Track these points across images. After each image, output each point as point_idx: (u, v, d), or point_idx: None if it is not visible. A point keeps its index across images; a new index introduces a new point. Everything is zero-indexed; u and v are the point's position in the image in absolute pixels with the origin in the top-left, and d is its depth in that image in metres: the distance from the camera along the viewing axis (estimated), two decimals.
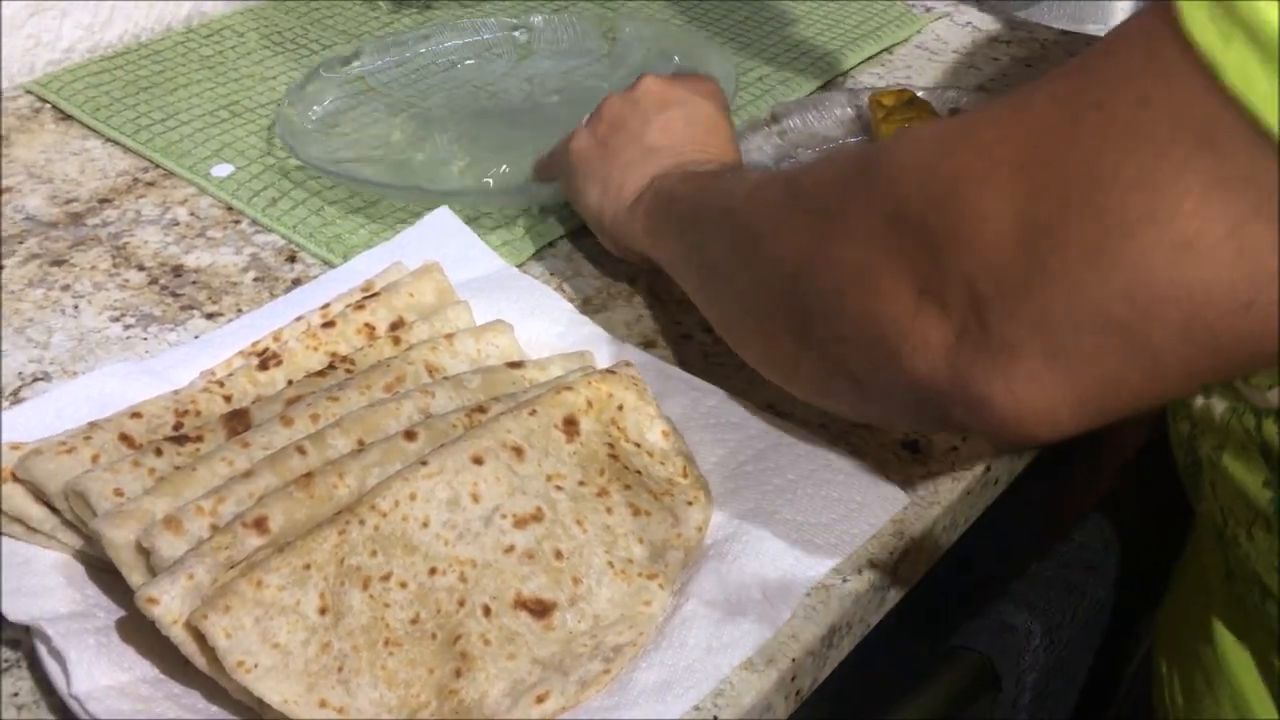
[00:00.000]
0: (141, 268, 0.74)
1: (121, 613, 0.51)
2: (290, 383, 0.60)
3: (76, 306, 0.71)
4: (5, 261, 0.74)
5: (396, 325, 0.64)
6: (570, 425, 0.56)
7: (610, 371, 0.59)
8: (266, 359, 0.61)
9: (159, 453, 0.54)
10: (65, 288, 0.72)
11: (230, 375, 0.60)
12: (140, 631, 0.50)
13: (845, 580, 0.57)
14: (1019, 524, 0.72)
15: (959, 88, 0.88)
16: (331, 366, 0.61)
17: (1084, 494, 0.78)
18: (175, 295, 0.72)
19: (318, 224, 0.78)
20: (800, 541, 0.55)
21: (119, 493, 0.51)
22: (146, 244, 0.76)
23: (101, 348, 0.68)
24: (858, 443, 0.63)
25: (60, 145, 0.85)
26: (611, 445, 0.57)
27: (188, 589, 0.47)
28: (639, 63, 0.93)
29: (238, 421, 0.56)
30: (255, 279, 0.74)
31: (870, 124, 0.84)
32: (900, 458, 0.63)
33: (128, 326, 0.70)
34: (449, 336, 0.62)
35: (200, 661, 0.46)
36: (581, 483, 0.55)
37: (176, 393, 0.59)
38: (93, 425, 0.55)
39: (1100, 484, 0.80)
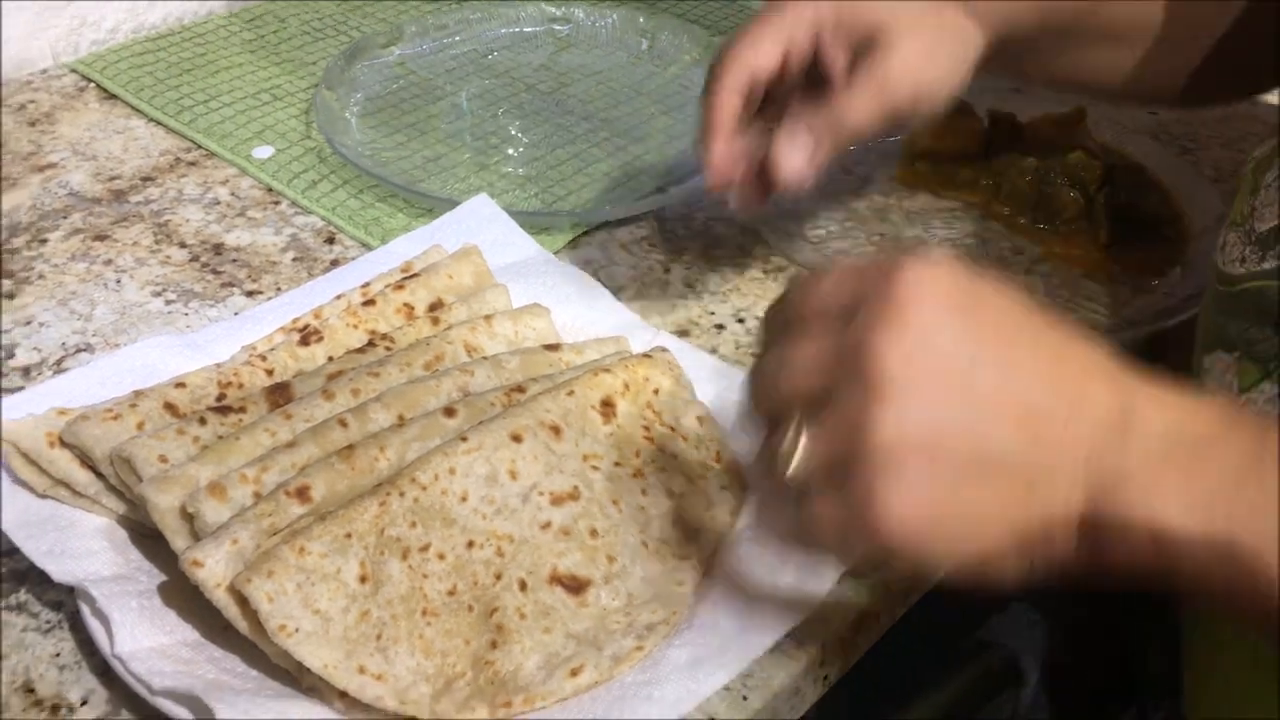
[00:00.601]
0: (183, 245, 0.75)
1: (163, 577, 0.52)
2: (330, 359, 0.61)
3: (119, 281, 0.72)
4: (49, 236, 0.75)
5: (435, 306, 0.64)
6: (607, 407, 0.57)
7: (647, 356, 0.60)
8: (307, 335, 0.62)
9: (203, 422, 0.54)
10: (108, 262, 0.73)
11: (272, 350, 0.61)
12: (182, 596, 0.50)
13: (876, 569, 0.57)
14: None
15: (997, 90, 0.89)
16: (371, 344, 0.61)
17: None
18: (216, 272, 0.73)
19: (356, 207, 0.79)
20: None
21: (164, 459, 0.52)
22: (188, 222, 0.77)
23: (143, 321, 0.69)
24: None
25: (104, 124, 0.86)
26: (647, 428, 0.58)
27: (231, 554, 0.47)
28: (674, 71, 0.94)
29: (279, 394, 0.57)
30: (294, 259, 0.75)
31: None
32: None
33: (169, 302, 0.71)
34: (487, 318, 0.62)
35: (242, 625, 0.47)
36: (617, 463, 0.55)
37: (219, 365, 0.60)
38: (138, 394, 0.56)
39: None
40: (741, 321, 0.71)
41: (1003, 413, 0.40)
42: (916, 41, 0.59)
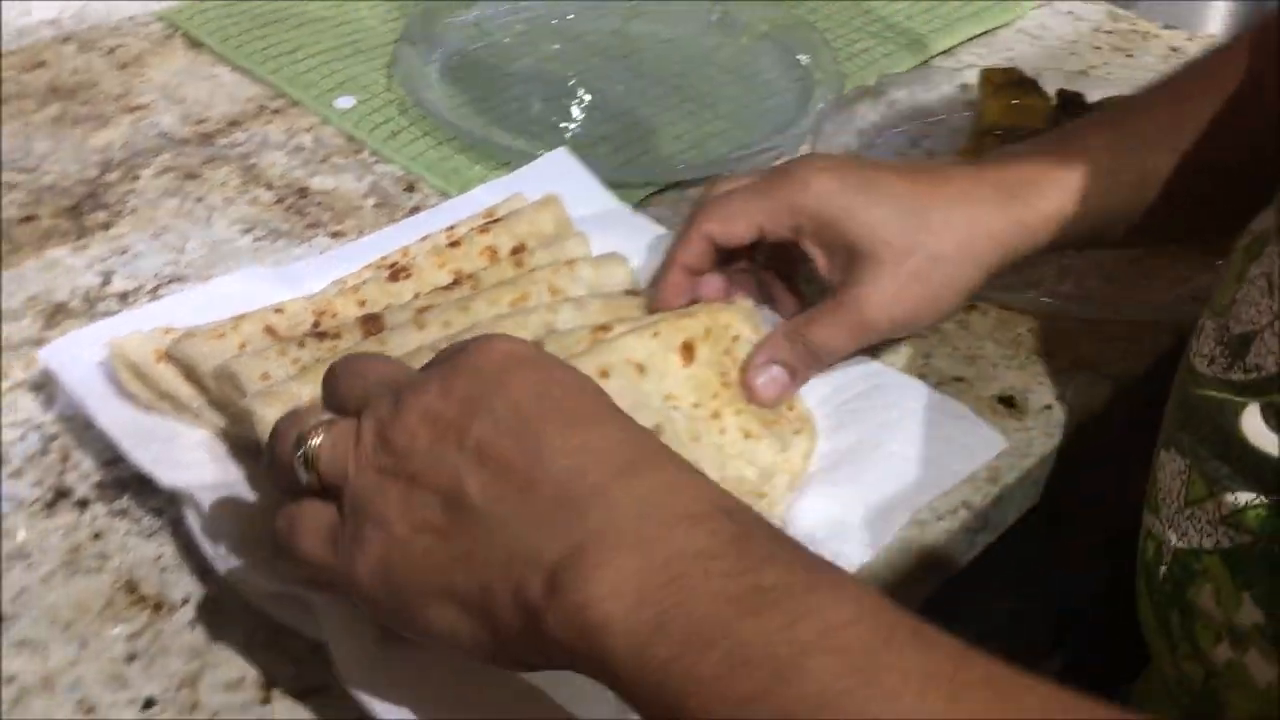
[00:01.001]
0: (270, 187, 0.78)
1: (261, 490, 0.54)
2: (417, 295, 0.63)
3: (209, 218, 0.75)
4: (141, 172, 0.78)
5: (517, 250, 0.66)
6: (688, 350, 0.59)
7: (730, 303, 0.62)
8: (396, 272, 0.64)
9: (301, 344, 0.57)
10: (198, 200, 0.76)
11: (363, 284, 0.63)
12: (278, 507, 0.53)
13: (940, 519, 0.59)
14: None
15: (1064, 70, 0.90)
16: (456, 283, 0.63)
17: None
18: (301, 214, 0.76)
19: (435, 157, 0.81)
20: (902, 473, 0.57)
21: (266, 376, 0.54)
22: (274, 165, 0.80)
23: (232, 257, 0.72)
24: (952, 393, 0.65)
25: (191, 70, 0.89)
26: (724, 374, 0.59)
27: None
28: (744, 41, 0.95)
29: (372, 324, 0.59)
30: (376, 205, 0.77)
31: (977, 99, 0.86)
32: (996, 411, 0.65)
33: (257, 239, 0.73)
34: (569, 263, 0.64)
35: None
36: (696, 404, 0.57)
37: (312, 296, 0.62)
38: (241, 317, 0.58)
39: None
40: (809, 282, 0.72)
41: (482, 463, 0.40)
42: (895, 277, 0.58)
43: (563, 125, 0.85)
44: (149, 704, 0.48)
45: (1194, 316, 0.70)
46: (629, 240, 0.69)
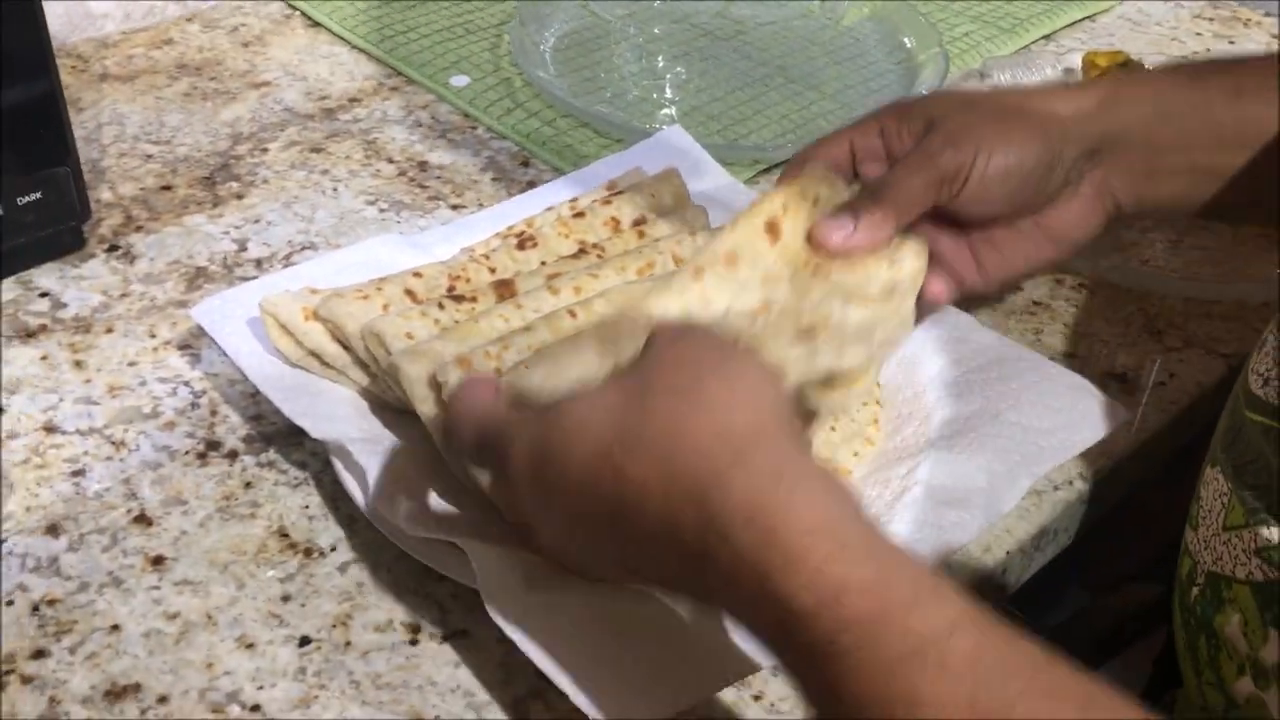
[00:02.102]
0: (391, 160, 0.80)
1: (405, 445, 0.56)
2: (543, 263, 0.65)
3: (335, 189, 0.77)
4: (269, 145, 0.81)
5: (639, 221, 0.68)
6: (772, 230, 0.55)
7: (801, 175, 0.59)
8: (523, 240, 0.66)
9: (441, 306, 0.59)
10: (324, 172, 0.79)
11: (492, 252, 0.65)
12: (422, 462, 0.55)
13: (1056, 488, 0.60)
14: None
15: (1167, 56, 0.90)
16: (582, 252, 0.65)
17: None
18: (422, 187, 0.78)
19: (549, 134, 0.83)
20: (1025, 443, 0.58)
21: (410, 335, 0.57)
22: (394, 140, 0.82)
23: (359, 226, 0.74)
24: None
25: (311, 49, 0.92)
26: (809, 235, 0.57)
27: None
28: (845, 24, 0.96)
29: (506, 288, 0.61)
30: (493, 179, 0.79)
31: (1081, 83, 0.87)
32: (1108, 388, 0.66)
33: (382, 210, 0.76)
34: (692, 233, 0.66)
35: (486, 484, 0.52)
36: (795, 272, 0.55)
37: (445, 262, 0.64)
38: (382, 279, 0.61)
39: None
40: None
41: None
42: (964, 118, 0.57)
43: (667, 105, 0.87)
44: (304, 641, 0.51)
45: None
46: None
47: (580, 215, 0.68)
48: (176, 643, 0.51)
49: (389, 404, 0.59)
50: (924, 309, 0.58)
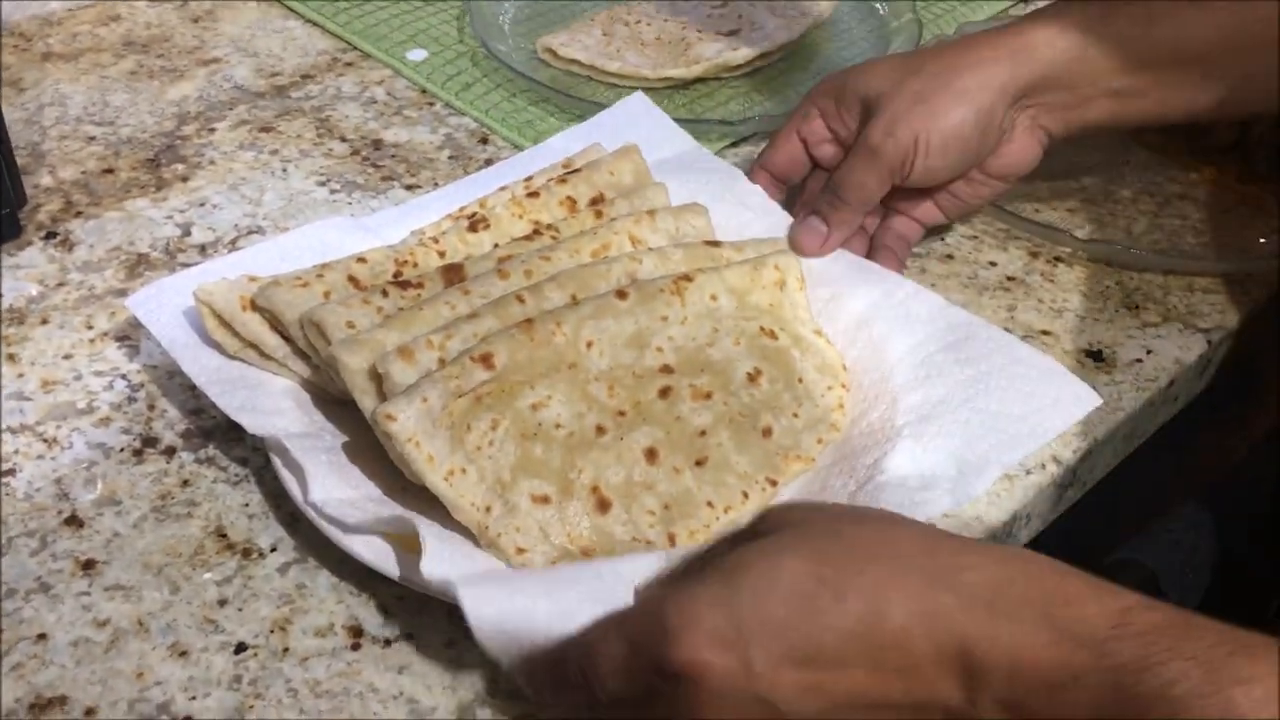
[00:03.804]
0: (344, 139, 0.77)
1: (346, 438, 0.54)
2: (497, 245, 0.62)
3: (285, 170, 0.74)
4: (217, 125, 0.78)
5: (596, 200, 0.65)
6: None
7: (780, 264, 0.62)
8: (475, 222, 0.63)
9: (385, 294, 0.57)
10: (274, 152, 0.76)
11: (442, 234, 0.63)
12: (365, 455, 0.53)
13: (1029, 473, 0.58)
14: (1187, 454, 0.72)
15: None
16: (536, 233, 0.63)
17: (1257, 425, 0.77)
18: (376, 166, 0.75)
19: (509, 109, 0.80)
20: (994, 429, 0.55)
21: (351, 325, 0.54)
22: (348, 118, 0.79)
23: (310, 208, 0.71)
24: (1040, 347, 0.64)
25: (263, 23, 0.89)
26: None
27: (421, 411, 0.49)
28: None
29: (454, 273, 0.59)
30: (450, 157, 0.77)
31: None
32: (1084, 365, 0.63)
33: (333, 191, 0.73)
34: (650, 213, 0.64)
35: (429, 480, 0.49)
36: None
37: (393, 246, 0.62)
38: (324, 266, 0.58)
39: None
40: None
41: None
42: (893, 102, 0.62)
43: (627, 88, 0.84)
44: (241, 648, 0.49)
45: None
46: (706, 186, 0.68)
47: (535, 195, 0.65)
48: (106, 652, 0.48)
49: (332, 396, 0.56)
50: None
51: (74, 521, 0.53)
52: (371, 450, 0.52)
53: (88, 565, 0.51)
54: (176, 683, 0.47)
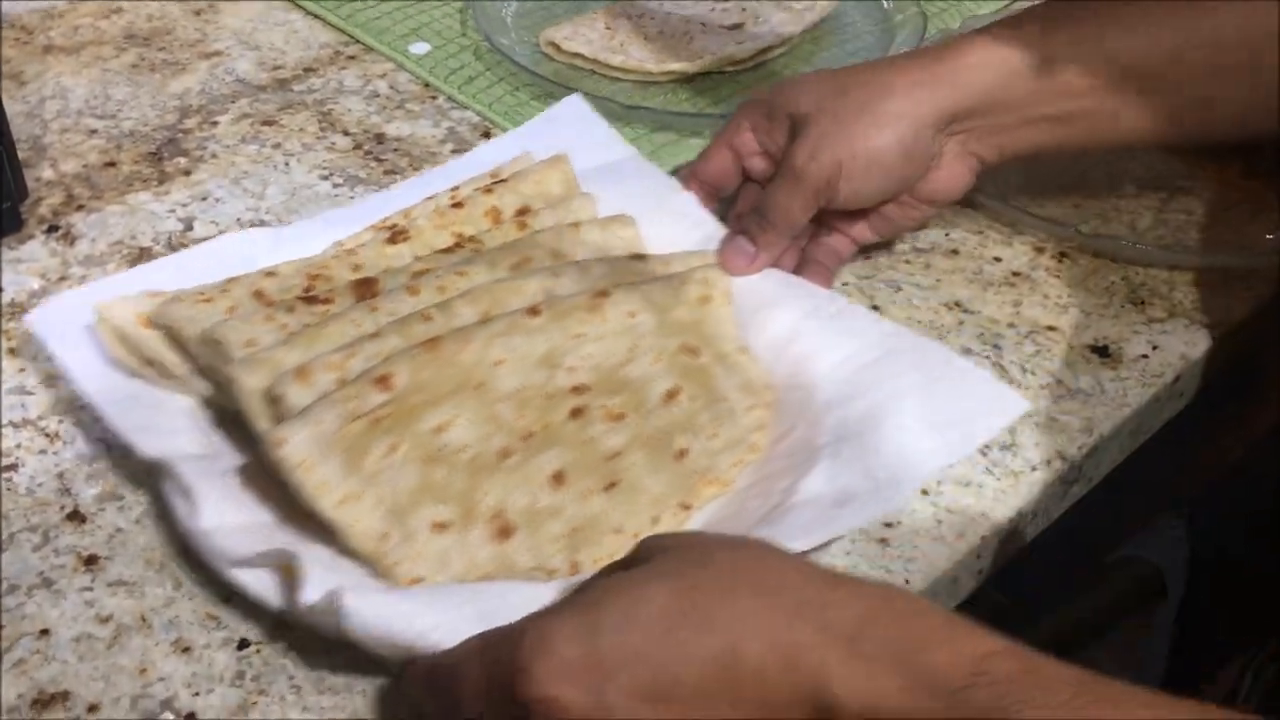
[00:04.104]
0: (346, 133, 0.77)
1: (245, 460, 0.52)
2: (417, 258, 0.61)
3: (288, 163, 0.74)
4: (219, 119, 0.78)
5: (522, 212, 0.64)
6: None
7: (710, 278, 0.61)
8: (396, 234, 0.61)
9: (291, 310, 0.55)
10: (276, 146, 0.76)
11: (361, 246, 0.61)
12: (262, 479, 0.50)
13: (1034, 469, 0.58)
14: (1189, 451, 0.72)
15: None
16: (458, 245, 0.61)
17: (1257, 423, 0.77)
18: (379, 160, 0.75)
19: (512, 103, 0.80)
20: (912, 444, 0.53)
21: (252, 343, 0.53)
22: (350, 112, 0.79)
23: (312, 202, 0.71)
24: (1045, 343, 0.64)
25: (265, 16, 0.89)
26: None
27: (314, 435, 0.48)
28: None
29: (365, 288, 0.57)
30: (453, 150, 0.76)
31: None
32: (1089, 361, 0.63)
33: (336, 185, 0.73)
34: (574, 225, 0.62)
35: (320, 506, 0.48)
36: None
37: (308, 259, 0.60)
38: (230, 280, 0.57)
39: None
40: None
41: None
42: (817, 124, 0.61)
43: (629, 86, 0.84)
44: (244, 644, 0.48)
45: None
46: (639, 196, 0.66)
47: (459, 206, 0.63)
48: (109, 647, 0.48)
49: (233, 415, 0.53)
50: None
51: (76, 517, 0.53)
52: (271, 473, 0.49)
53: (90, 561, 0.51)
54: (180, 679, 0.47)
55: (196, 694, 0.47)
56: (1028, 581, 0.63)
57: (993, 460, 0.58)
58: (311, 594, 0.45)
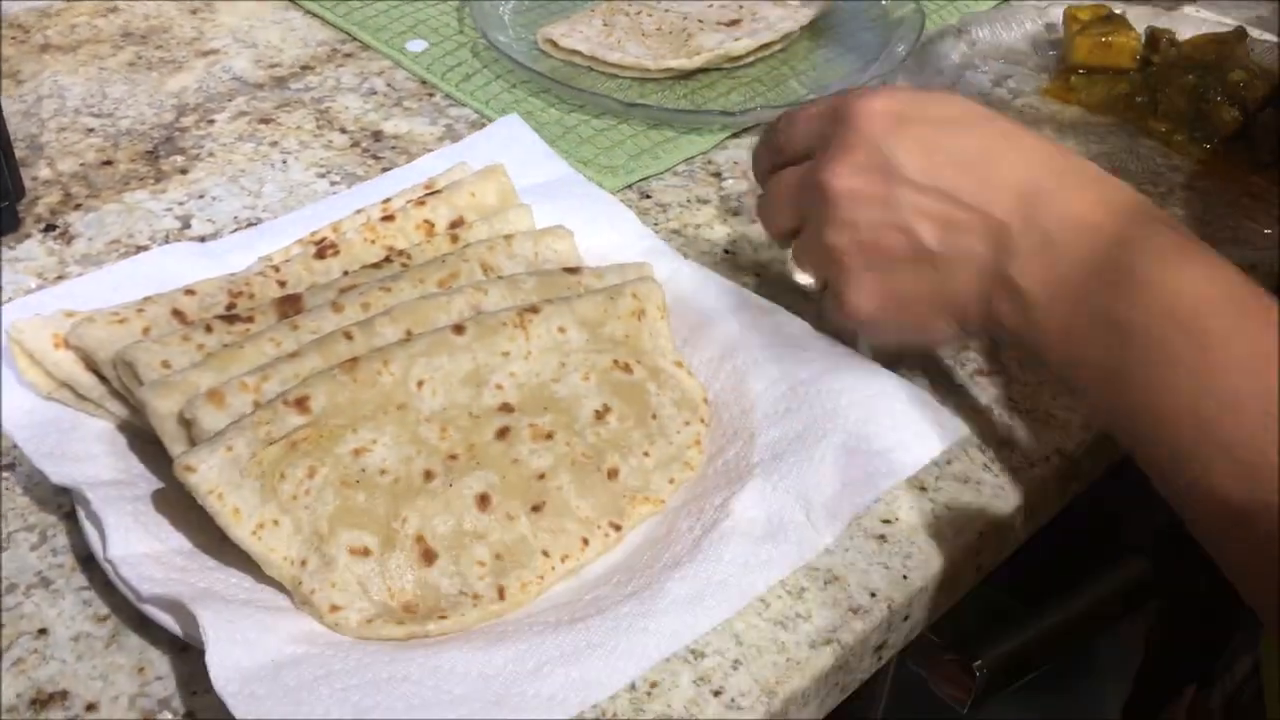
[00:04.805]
0: (343, 130, 0.77)
1: (161, 485, 0.51)
2: (345, 273, 0.59)
3: (285, 161, 0.74)
4: (216, 117, 0.78)
5: (456, 224, 0.63)
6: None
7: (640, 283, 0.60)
8: (324, 248, 0.60)
9: (209, 329, 0.54)
10: (274, 144, 0.76)
11: (287, 261, 0.60)
12: (177, 504, 0.49)
13: (1033, 465, 0.58)
14: None
15: (1153, 8, 0.87)
16: (388, 260, 0.60)
17: None
18: (376, 158, 0.75)
19: (510, 101, 0.80)
20: (849, 466, 0.53)
21: (166, 365, 0.51)
22: (347, 109, 0.79)
23: (310, 200, 0.71)
24: None
25: (261, 15, 0.88)
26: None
27: (226, 460, 0.47)
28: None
29: (289, 305, 0.56)
30: None
31: (1063, 38, 0.84)
32: None
33: (333, 183, 0.73)
34: (508, 238, 0.61)
35: (234, 533, 0.47)
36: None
37: (232, 275, 0.59)
38: (147, 299, 0.56)
39: None
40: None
41: (922, 216, 0.52)
42: None
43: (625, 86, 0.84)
44: None
45: None
46: (577, 211, 0.65)
47: (390, 219, 0.62)
48: (107, 647, 0.48)
49: (152, 438, 0.51)
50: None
51: (74, 516, 0.53)
52: (188, 498, 0.48)
53: (88, 560, 0.51)
54: (178, 678, 0.47)
55: (194, 693, 0.47)
56: (1026, 578, 0.63)
57: (991, 457, 0.58)
58: (216, 659, 0.44)
